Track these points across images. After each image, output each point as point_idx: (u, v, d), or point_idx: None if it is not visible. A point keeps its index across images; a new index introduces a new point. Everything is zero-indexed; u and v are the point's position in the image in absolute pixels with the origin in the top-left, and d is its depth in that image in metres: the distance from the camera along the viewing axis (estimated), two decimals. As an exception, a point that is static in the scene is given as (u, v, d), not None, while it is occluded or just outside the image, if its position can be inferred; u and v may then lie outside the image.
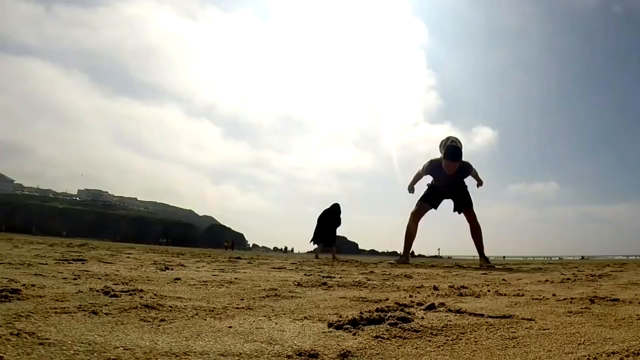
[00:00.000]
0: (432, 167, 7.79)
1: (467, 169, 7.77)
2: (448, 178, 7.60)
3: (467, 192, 7.83)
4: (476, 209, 7.75)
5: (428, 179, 8.02)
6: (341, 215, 13.68)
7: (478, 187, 8.04)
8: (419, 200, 7.93)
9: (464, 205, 7.74)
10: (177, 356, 0.94)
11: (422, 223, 7.95)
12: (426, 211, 7.92)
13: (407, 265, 6.56)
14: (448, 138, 7.77)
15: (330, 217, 13.49)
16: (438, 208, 7.97)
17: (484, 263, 7.26)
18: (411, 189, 8.14)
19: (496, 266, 6.96)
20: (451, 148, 7.51)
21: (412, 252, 9.40)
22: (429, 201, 7.90)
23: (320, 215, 13.60)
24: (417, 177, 8.10)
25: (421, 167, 7.98)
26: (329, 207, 13.61)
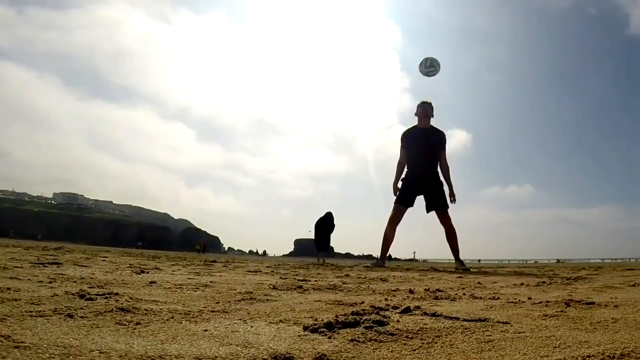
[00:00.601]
0: (406, 137, 7.95)
1: (442, 135, 7.92)
2: (422, 137, 7.74)
3: (443, 192, 7.76)
4: (451, 212, 7.74)
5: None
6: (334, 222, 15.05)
7: (452, 200, 7.86)
8: (395, 202, 7.91)
9: (437, 206, 7.68)
10: (152, 359, 0.94)
11: (398, 226, 7.94)
12: (403, 213, 7.89)
13: (382, 269, 6.58)
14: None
15: (326, 225, 14.75)
16: (414, 205, 7.89)
17: (460, 266, 7.31)
18: (396, 189, 7.99)
19: (472, 269, 7.03)
20: (425, 103, 7.95)
21: (390, 255, 9.34)
22: (405, 201, 7.84)
23: (317, 224, 14.77)
24: (400, 168, 7.98)
25: (399, 151, 7.98)
26: (323, 215, 14.87)
